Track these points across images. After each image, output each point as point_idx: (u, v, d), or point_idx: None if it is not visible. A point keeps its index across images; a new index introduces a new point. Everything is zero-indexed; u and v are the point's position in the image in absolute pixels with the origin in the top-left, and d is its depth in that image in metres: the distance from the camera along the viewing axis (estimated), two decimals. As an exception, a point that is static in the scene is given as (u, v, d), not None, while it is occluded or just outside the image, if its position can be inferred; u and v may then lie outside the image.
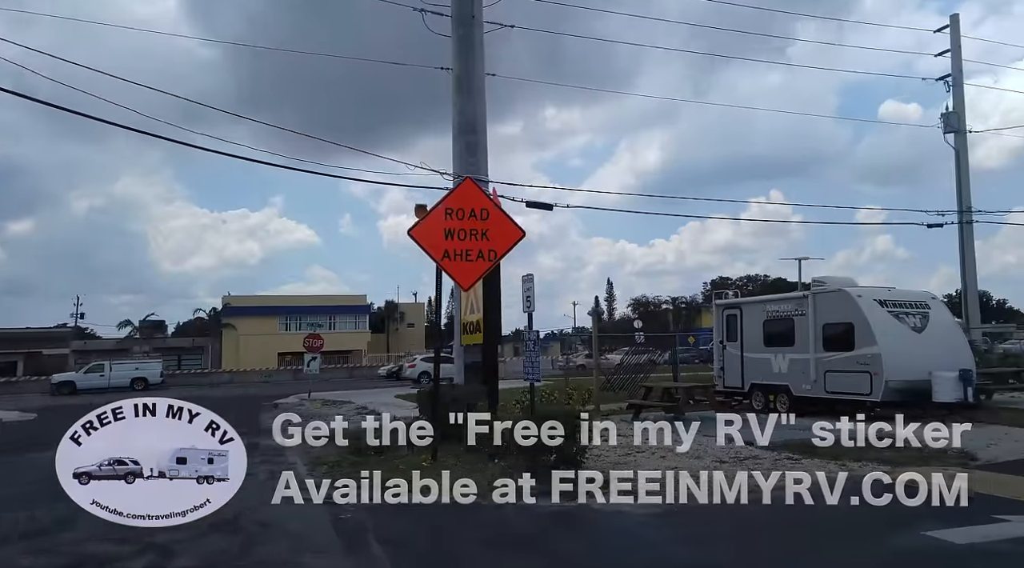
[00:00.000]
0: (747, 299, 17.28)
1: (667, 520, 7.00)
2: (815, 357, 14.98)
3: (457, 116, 17.20)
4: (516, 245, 10.39)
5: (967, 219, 25.63)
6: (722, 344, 17.76)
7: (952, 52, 26.85)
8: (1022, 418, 12.99)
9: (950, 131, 26.41)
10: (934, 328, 14.39)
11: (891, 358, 13.52)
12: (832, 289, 15.07)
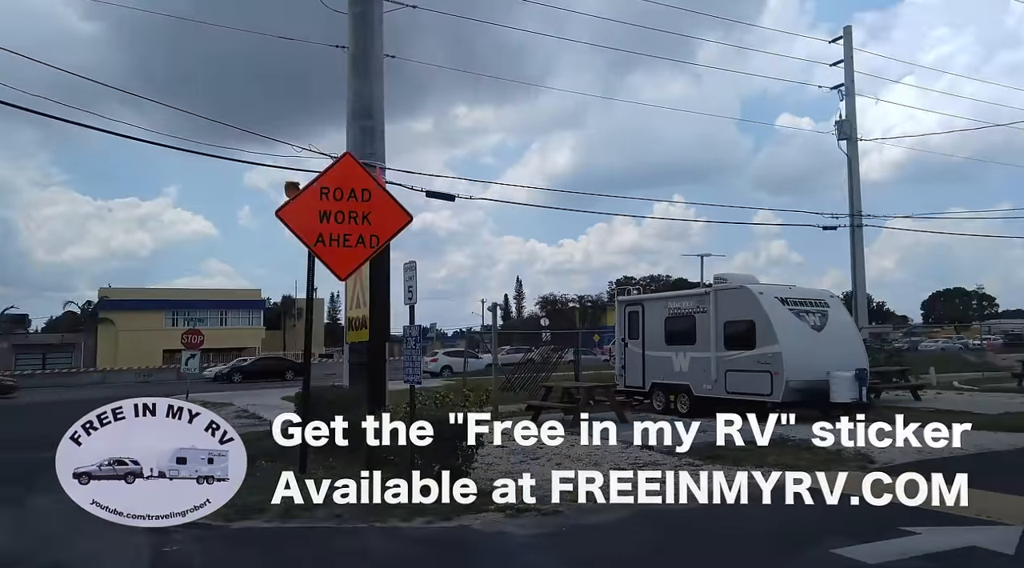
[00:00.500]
0: (649, 296, 16.85)
1: (555, 541, 6.17)
2: (716, 356, 14.65)
3: (353, 99, 15.96)
4: (402, 231, 9.36)
5: (858, 222, 26.41)
6: (624, 342, 17.28)
7: (845, 63, 27.65)
8: (910, 417, 12.99)
9: (843, 138, 27.19)
10: (832, 327, 14.32)
11: (792, 357, 13.30)
12: (734, 286, 14.78)
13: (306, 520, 6.31)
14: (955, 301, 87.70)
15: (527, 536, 6.21)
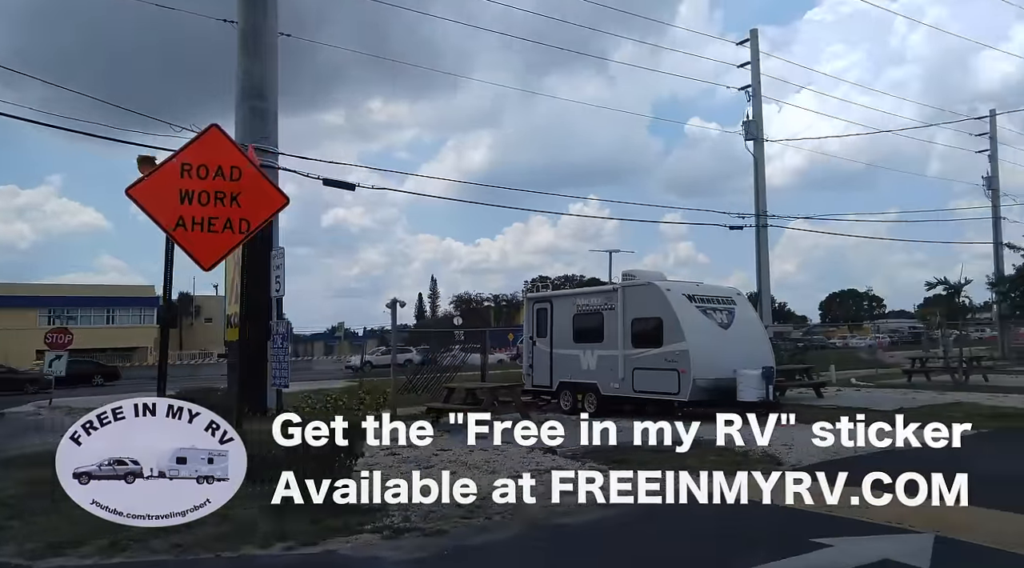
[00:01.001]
0: (558, 292, 16.32)
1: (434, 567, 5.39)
2: (624, 354, 14.22)
3: (242, 77, 14.74)
4: (276, 214, 8.37)
5: (763, 222, 26.84)
6: (532, 340, 16.67)
7: (752, 65, 28.11)
8: (815, 415, 12.90)
9: (750, 139, 27.62)
10: (739, 325, 14.14)
11: (699, 355, 13.00)
12: (641, 283, 14.40)
13: (133, 555, 5.27)
14: (849, 302, 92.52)
15: (403, 562, 5.39)
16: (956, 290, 19.10)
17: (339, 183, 18.63)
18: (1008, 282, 31.96)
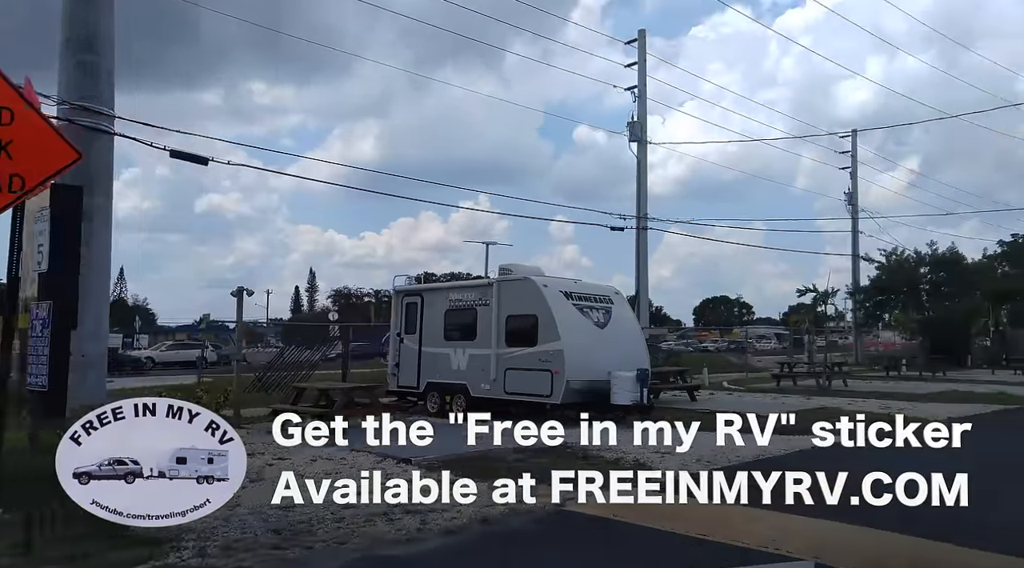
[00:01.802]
0: (429, 285, 15.19)
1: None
2: (496, 353, 13.28)
3: (68, 25, 12.65)
4: (65, 172, 6.74)
5: (643, 225, 26.85)
6: (399, 337, 15.45)
7: (639, 65, 28.17)
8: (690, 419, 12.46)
9: (634, 140, 27.64)
10: (616, 324, 13.54)
11: (574, 356, 12.25)
12: (518, 277, 13.52)
13: None
14: (721, 308, 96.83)
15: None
16: (824, 298, 19.59)
17: (189, 156, 16.68)
18: (863, 292, 33.84)
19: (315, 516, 6.08)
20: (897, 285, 31.38)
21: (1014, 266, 34.12)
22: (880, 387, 19.11)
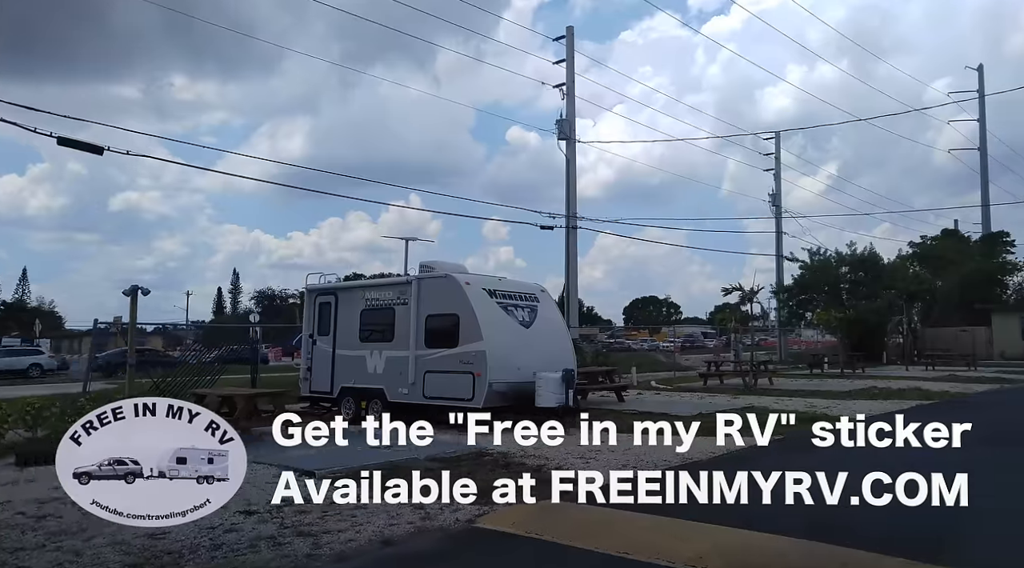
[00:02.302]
0: (344, 284, 14.29)
1: None
2: (415, 355, 12.54)
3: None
4: None
5: (573, 224, 26.52)
6: (312, 339, 14.50)
7: (567, 61, 27.89)
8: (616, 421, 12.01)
9: (563, 138, 27.32)
10: (541, 323, 12.98)
11: (497, 357, 11.62)
12: (439, 275, 12.80)
13: None
14: (650, 308, 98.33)
15: None
16: (749, 296, 19.58)
17: (80, 144, 15.34)
18: (787, 291, 34.52)
19: (189, 544, 5.29)
20: (819, 284, 32.09)
21: (924, 266, 35.49)
22: (805, 385, 19.22)
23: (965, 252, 38.21)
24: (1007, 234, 40.98)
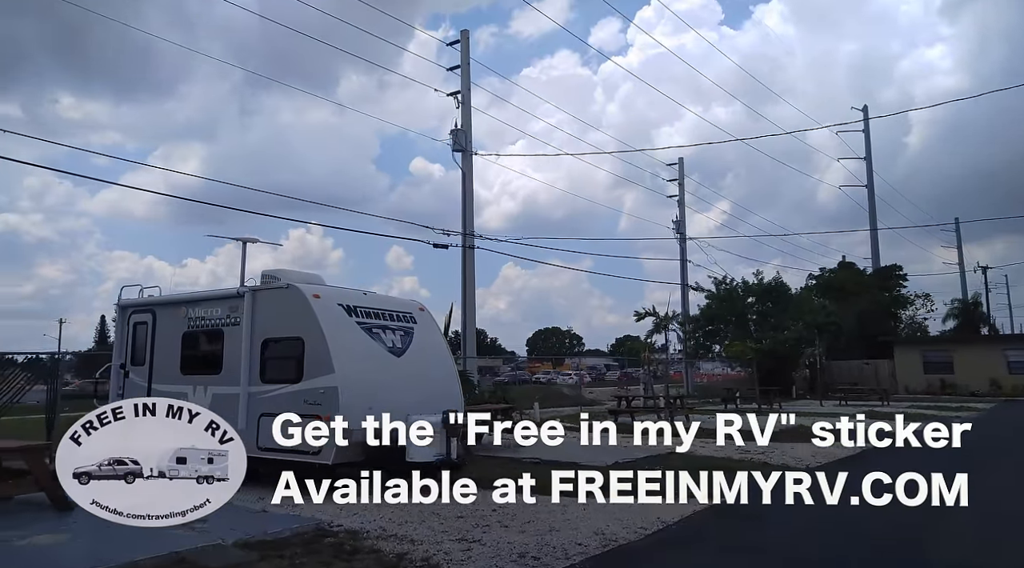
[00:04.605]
0: (163, 298, 11.01)
1: None
2: (248, 392, 9.46)
3: None
4: None
5: (469, 243, 23.94)
6: (123, 370, 11.13)
7: (462, 68, 25.68)
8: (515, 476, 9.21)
9: (458, 149, 24.92)
10: (418, 351, 10.12)
11: (353, 395, 8.71)
12: (279, 286, 9.75)
13: None
14: (552, 339, 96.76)
15: None
16: (665, 322, 17.51)
17: None
18: (694, 321, 33.11)
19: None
20: (725, 315, 30.80)
21: (825, 297, 35.06)
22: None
23: (862, 284, 38.28)
24: (899, 268, 41.67)
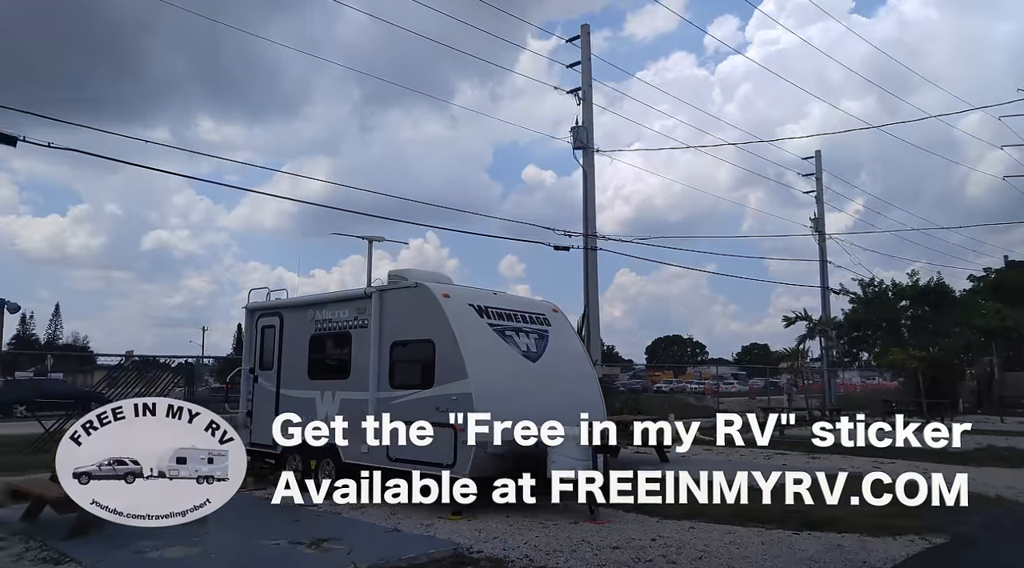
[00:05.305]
0: (289, 300, 10.73)
1: None
2: (377, 398, 8.89)
3: None
4: None
5: (592, 244, 22.86)
6: (253, 374, 10.93)
7: (582, 64, 24.60)
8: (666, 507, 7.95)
9: (579, 147, 23.84)
10: (555, 356, 9.23)
11: (489, 402, 7.89)
12: (406, 285, 9.13)
13: None
14: (673, 347, 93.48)
15: None
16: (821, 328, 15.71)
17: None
18: (837, 327, 30.36)
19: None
20: (875, 319, 27.93)
21: (995, 300, 31.16)
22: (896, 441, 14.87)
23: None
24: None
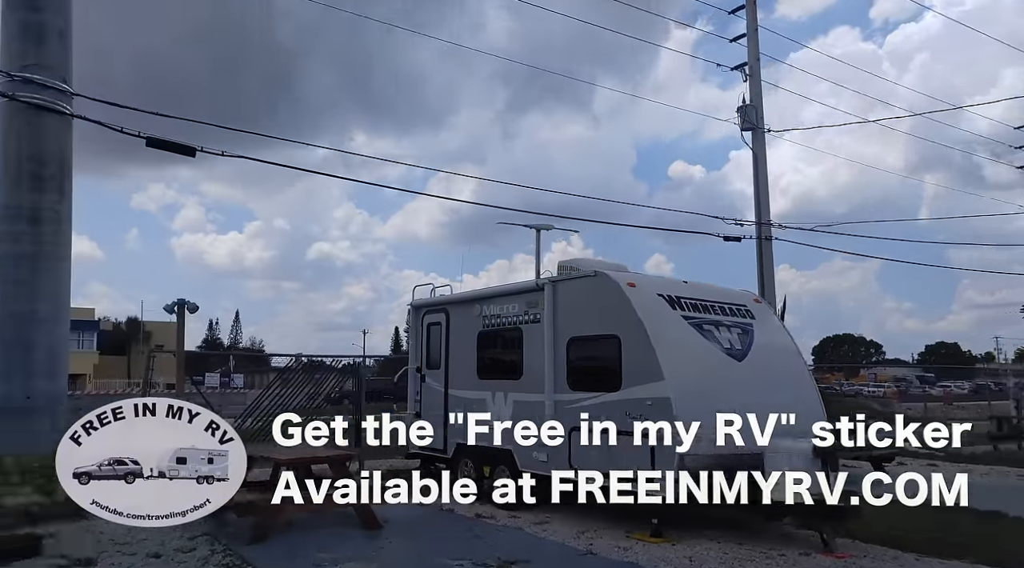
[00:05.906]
0: (454, 296, 10.09)
1: None
2: (554, 401, 7.98)
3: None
4: None
5: (766, 233, 20.86)
6: (420, 373, 10.43)
7: (748, 37, 22.49)
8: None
9: (748, 128, 21.78)
10: (762, 354, 7.88)
11: (692, 408, 6.73)
12: (584, 274, 8.13)
13: None
14: (845, 347, 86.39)
15: None
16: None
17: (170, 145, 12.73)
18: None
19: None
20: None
21: None
22: None
23: None
24: None
